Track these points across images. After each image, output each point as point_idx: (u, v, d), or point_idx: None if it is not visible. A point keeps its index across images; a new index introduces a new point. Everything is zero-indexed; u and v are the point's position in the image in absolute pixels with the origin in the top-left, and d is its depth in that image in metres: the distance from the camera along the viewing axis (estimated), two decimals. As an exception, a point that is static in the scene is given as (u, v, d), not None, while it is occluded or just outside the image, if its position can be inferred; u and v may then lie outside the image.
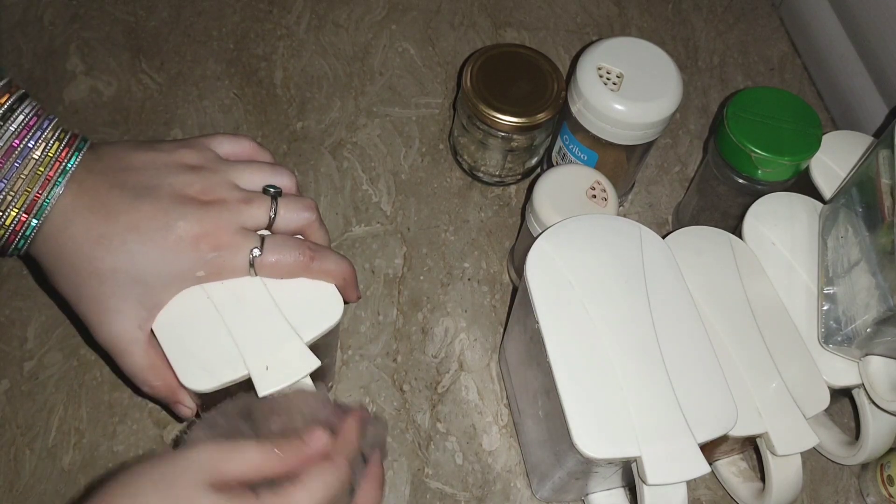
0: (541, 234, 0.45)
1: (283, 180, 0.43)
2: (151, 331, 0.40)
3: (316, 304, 0.42)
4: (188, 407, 0.42)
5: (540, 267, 0.44)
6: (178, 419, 0.48)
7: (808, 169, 0.54)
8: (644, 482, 0.39)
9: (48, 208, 0.37)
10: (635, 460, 0.39)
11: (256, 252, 0.40)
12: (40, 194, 0.37)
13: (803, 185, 0.54)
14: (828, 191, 0.53)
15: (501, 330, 0.58)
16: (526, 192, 0.64)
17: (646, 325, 0.42)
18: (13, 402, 0.51)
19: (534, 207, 0.51)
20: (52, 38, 0.68)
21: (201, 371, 0.39)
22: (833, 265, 0.48)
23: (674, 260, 0.45)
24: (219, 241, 0.39)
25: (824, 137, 0.53)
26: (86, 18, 0.69)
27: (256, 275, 0.41)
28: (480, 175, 0.64)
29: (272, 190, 0.42)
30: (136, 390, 0.41)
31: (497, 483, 0.52)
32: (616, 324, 0.42)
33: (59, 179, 0.38)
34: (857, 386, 0.47)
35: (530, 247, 0.44)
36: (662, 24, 0.77)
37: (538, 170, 0.65)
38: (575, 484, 0.46)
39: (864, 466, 0.54)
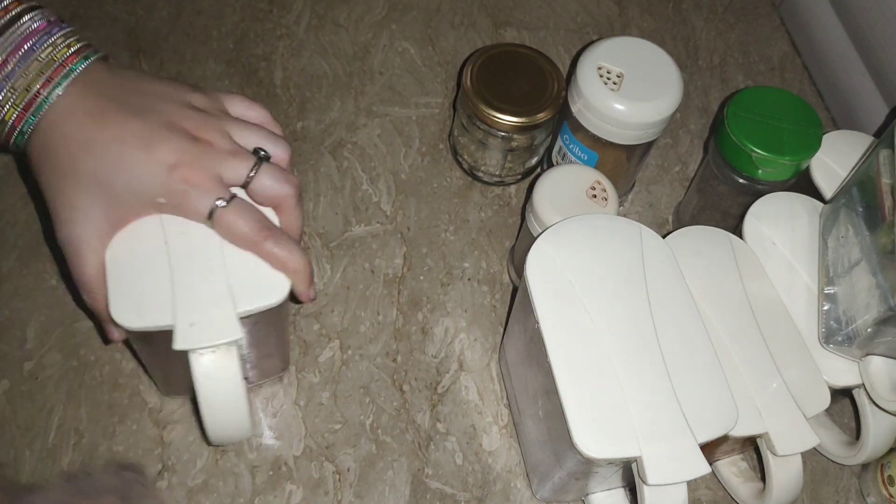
0: (541, 234, 0.45)
1: (279, 151, 0.43)
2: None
3: (265, 281, 0.41)
4: (118, 332, 0.42)
5: (540, 267, 0.44)
6: (106, 341, 0.49)
7: (808, 168, 0.54)
8: (644, 482, 0.39)
9: (46, 107, 0.39)
10: (635, 460, 0.39)
11: (221, 203, 0.40)
12: (40, 93, 0.39)
13: (804, 184, 0.54)
14: (828, 190, 0.53)
15: (501, 330, 0.58)
16: (526, 192, 0.64)
17: (646, 324, 0.42)
18: (13, 402, 0.51)
19: (534, 207, 0.51)
20: (52, 38, 0.67)
21: (131, 308, 0.39)
22: (833, 265, 0.48)
23: (674, 260, 0.45)
24: (191, 177, 0.40)
25: (825, 137, 0.53)
26: (85, 18, 0.69)
27: (213, 227, 0.41)
28: (480, 175, 0.64)
29: (262, 152, 0.42)
30: (77, 299, 0.42)
31: (497, 483, 0.52)
32: (616, 324, 0.42)
33: (62, 81, 0.39)
34: (858, 386, 0.47)
35: (530, 247, 0.44)
36: (663, 24, 0.77)
37: (538, 169, 0.65)
38: (575, 484, 0.46)
39: (865, 466, 0.54)
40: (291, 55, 0.69)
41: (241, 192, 0.42)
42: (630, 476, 0.44)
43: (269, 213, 0.43)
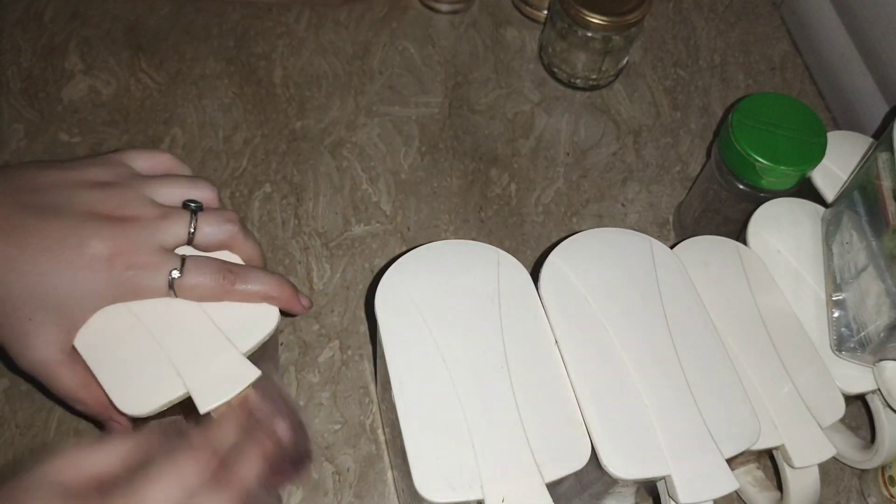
0: (552, 248, 0.45)
1: (204, 193, 0.42)
2: (74, 347, 0.38)
3: (250, 312, 0.40)
4: (122, 423, 0.40)
5: (554, 283, 0.43)
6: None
7: (808, 171, 0.54)
8: (676, 501, 0.38)
9: None
10: (664, 479, 0.38)
11: (176, 274, 0.38)
12: None
13: (804, 187, 0.54)
14: (829, 193, 0.52)
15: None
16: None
17: (664, 339, 0.41)
18: (12, 401, 0.51)
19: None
20: (52, 36, 0.67)
21: (137, 394, 0.37)
22: (840, 271, 0.48)
23: (686, 273, 0.44)
24: (135, 260, 0.38)
25: (824, 137, 0.53)
26: (86, 16, 0.69)
27: (176, 296, 0.39)
28: (577, 82, 0.70)
29: (192, 204, 0.40)
30: (70, 409, 0.40)
31: (497, 484, 0.52)
32: (635, 340, 0.41)
33: None
34: (872, 391, 0.46)
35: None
36: (663, 23, 0.76)
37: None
38: (590, 502, 0.46)
39: (865, 467, 0.54)
40: (291, 54, 0.69)
41: (186, 249, 0.40)
42: (644, 492, 0.44)
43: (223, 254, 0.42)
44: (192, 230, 0.40)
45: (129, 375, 0.37)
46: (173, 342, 0.38)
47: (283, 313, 0.42)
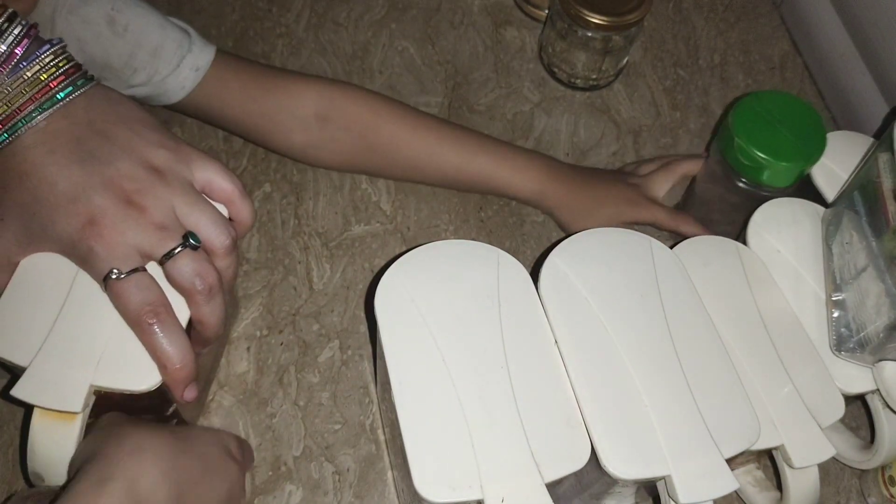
0: (552, 248, 0.45)
1: (215, 240, 0.41)
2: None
3: (136, 362, 0.39)
4: None
5: (554, 283, 0.43)
6: None
7: (809, 172, 0.54)
8: (676, 501, 0.38)
9: (23, 128, 0.38)
10: (664, 479, 0.38)
11: (115, 274, 0.38)
12: (21, 111, 0.38)
13: (805, 186, 0.54)
14: (830, 193, 0.52)
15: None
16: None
17: (664, 340, 0.41)
18: (12, 402, 0.51)
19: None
20: (51, 37, 0.67)
21: (14, 339, 0.39)
22: (840, 271, 0.48)
23: (685, 272, 0.44)
24: (102, 239, 0.38)
25: (824, 138, 0.53)
26: (84, 17, 0.69)
27: (105, 292, 0.39)
28: (578, 82, 0.70)
29: (191, 240, 0.40)
30: None
31: (497, 484, 0.52)
32: (635, 340, 0.41)
33: (46, 106, 0.39)
34: (871, 391, 0.46)
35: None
36: (663, 23, 0.76)
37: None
38: (590, 502, 0.46)
39: (865, 467, 0.54)
40: (291, 54, 0.69)
41: (158, 269, 0.40)
42: (644, 492, 0.43)
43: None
44: (167, 255, 0.39)
45: (10, 323, 0.39)
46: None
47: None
